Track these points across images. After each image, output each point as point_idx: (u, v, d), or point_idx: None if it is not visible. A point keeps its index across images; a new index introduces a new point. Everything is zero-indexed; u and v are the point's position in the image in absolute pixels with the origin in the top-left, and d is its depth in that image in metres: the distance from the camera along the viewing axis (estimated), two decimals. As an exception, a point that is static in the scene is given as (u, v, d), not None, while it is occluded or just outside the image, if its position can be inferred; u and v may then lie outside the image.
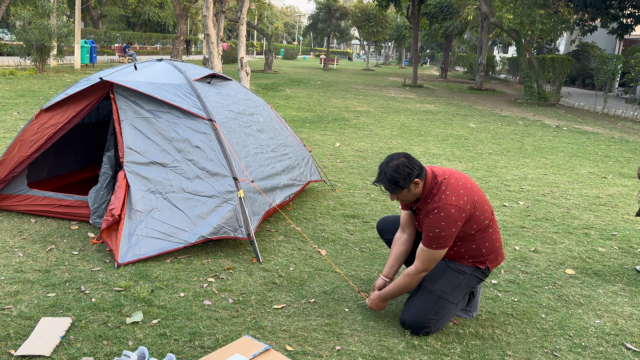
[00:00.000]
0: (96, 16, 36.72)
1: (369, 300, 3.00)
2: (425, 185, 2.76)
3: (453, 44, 45.87)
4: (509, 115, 13.98)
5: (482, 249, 2.87)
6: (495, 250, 2.92)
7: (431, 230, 2.71)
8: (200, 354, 2.56)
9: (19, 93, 11.83)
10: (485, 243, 2.87)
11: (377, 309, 2.99)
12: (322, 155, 7.34)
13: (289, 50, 58.01)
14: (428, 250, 2.75)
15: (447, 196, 2.71)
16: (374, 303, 2.97)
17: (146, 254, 3.53)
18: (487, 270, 2.94)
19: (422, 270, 2.79)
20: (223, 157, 3.86)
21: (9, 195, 4.26)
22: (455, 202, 2.69)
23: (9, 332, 2.63)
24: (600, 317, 3.20)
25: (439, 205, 2.69)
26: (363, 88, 20.49)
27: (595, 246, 4.44)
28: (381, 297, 2.94)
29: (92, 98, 4.13)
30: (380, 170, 2.76)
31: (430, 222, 2.70)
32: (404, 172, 2.68)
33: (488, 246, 2.88)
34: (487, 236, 2.87)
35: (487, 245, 2.87)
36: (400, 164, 2.69)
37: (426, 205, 2.76)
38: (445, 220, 2.67)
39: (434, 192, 2.74)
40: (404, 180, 2.68)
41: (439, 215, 2.68)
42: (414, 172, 2.70)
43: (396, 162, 2.70)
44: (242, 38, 12.33)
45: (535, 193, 6.06)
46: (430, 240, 2.72)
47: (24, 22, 16.93)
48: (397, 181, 2.69)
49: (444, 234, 2.69)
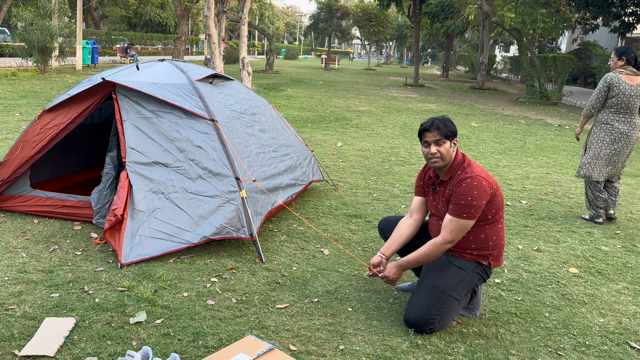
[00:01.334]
0: (97, 17, 36.78)
1: (386, 270, 2.92)
2: (456, 157, 2.88)
3: (454, 44, 45.83)
4: (511, 115, 13.97)
5: (489, 242, 2.89)
6: (500, 247, 2.94)
7: (463, 198, 2.75)
8: (204, 353, 2.56)
9: (21, 94, 11.85)
10: (493, 236, 2.90)
11: (392, 279, 2.91)
12: (324, 155, 7.34)
13: (290, 51, 58.04)
14: (457, 219, 2.77)
15: (478, 170, 2.83)
16: (390, 271, 2.90)
17: (149, 254, 3.53)
18: (489, 269, 2.94)
19: (449, 240, 2.80)
20: (225, 157, 3.86)
21: (12, 196, 4.27)
22: (485, 177, 2.81)
23: (13, 333, 2.63)
24: (604, 316, 3.20)
25: (472, 176, 2.78)
26: (364, 88, 20.49)
27: (599, 245, 4.44)
28: (400, 265, 2.89)
29: (95, 98, 4.14)
30: (428, 121, 2.89)
31: (463, 190, 2.76)
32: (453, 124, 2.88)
33: (495, 240, 2.91)
34: (496, 229, 2.91)
35: (495, 239, 2.90)
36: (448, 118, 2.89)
37: (455, 177, 2.84)
38: (478, 189, 2.75)
39: (465, 166, 2.86)
40: (455, 130, 2.85)
41: (472, 184, 2.76)
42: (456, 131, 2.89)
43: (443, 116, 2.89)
44: (244, 38, 12.33)
45: (538, 192, 6.05)
46: (461, 209, 2.76)
47: (25, 24, 16.96)
48: (452, 125, 2.85)
49: (476, 203, 2.75)
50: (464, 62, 42.43)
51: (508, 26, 18.04)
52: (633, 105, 4.72)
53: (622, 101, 4.71)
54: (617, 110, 4.77)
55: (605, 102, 4.84)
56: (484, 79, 23.50)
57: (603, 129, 4.86)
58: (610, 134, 4.82)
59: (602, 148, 4.85)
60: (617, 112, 4.78)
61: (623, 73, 4.76)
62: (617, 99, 4.72)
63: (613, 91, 4.73)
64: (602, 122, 4.87)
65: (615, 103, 4.75)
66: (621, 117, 4.77)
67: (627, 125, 4.77)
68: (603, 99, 4.82)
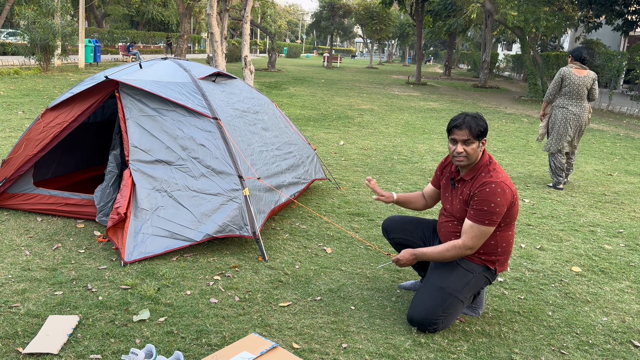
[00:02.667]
0: (100, 15, 36.79)
1: (400, 253, 2.91)
2: (482, 157, 2.81)
3: (457, 42, 45.72)
4: (514, 113, 13.94)
5: (498, 248, 2.85)
6: (507, 253, 2.92)
7: (486, 204, 2.69)
8: (207, 351, 2.56)
9: (24, 92, 11.87)
10: (503, 243, 2.86)
11: (403, 263, 2.89)
12: (327, 154, 7.34)
13: (292, 49, 57.98)
14: (479, 226, 2.72)
15: (503, 176, 2.76)
16: (404, 256, 2.88)
17: (152, 252, 3.54)
18: (495, 273, 2.93)
19: (469, 246, 2.75)
20: (228, 155, 3.87)
21: (15, 194, 4.28)
22: (509, 184, 2.75)
23: (17, 330, 2.64)
24: (608, 315, 3.19)
25: (497, 182, 2.71)
26: (367, 86, 20.47)
27: (602, 244, 4.43)
28: (415, 253, 2.87)
29: (98, 97, 4.14)
30: (458, 116, 2.80)
31: (487, 195, 2.69)
32: (485, 122, 2.79)
33: (504, 247, 2.87)
34: (506, 236, 2.86)
35: (504, 245, 2.86)
36: (481, 116, 2.80)
37: (479, 178, 2.76)
38: (501, 196, 2.69)
39: (491, 169, 2.78)
40: (486, 130, 2.76)
41: (495, 190, 2.69)
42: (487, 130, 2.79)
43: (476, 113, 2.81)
44: (246, 36, 12.33)
45: (540, 191, 6.04)
46: (483, 215, 2.70)
47: (28, 22, 16.98)
48: (485, 125, 2.77)
49: (498, 210, 2.69)
50: (467, 60, 42.36)
51: (511, 24, 18.00)
52: (582, 92, 5.87)
53: (573, 89, 5.86)
54: (570, 96, 5.92)
55: (560, 90, 5.97)
56: (486, 77, 23.46)
57: (560, 112, 6.00)
58: (566, 115, 5.97)
59: (562, 127, 6.00)
60: (570, 98, 5.92)
61: (573, 67, 5.89)
62: (569, 87, 5.88)
63: (565, 81, 5.89)
64: (559, 106, 6.01)
65: (568, 91, 5.90)
66: (573, 101, 5.91)
67: (579, 108, 5.93)
68: (558, 88, 5.97)
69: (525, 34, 18.84)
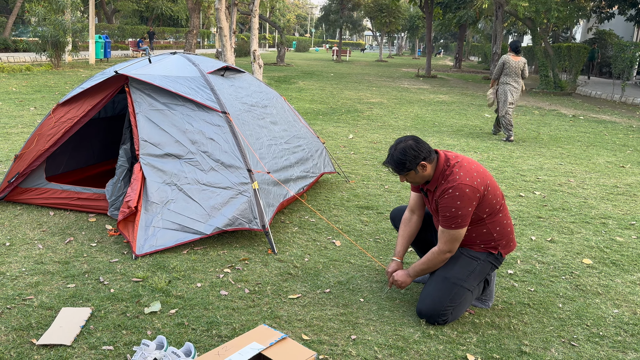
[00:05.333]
0: (110, 11, 36.96)
1: (395, 274, 2.97)
2: (437, 167, 2.80)
3: (467, 34, 45.33)
4: (525, 105, 13.82)
5: (494, 234, 2.87)
6: (507, 236, 2.92)
7: (448, 210, 2.73)
8: (217, 342, 2.59)
9: (36, 88, 11.98)
10: (497, 227, 2.87)
11: (401, 284, 2.96)
12: (336, 147, 7.34)
13: (301, 43, 57.86)
14: (448, 230, 2.77)
15: (461, 177, 2.74)
16: (400, 278, 2.95)
17: (163, 245, 3.57)
18: (500, 257, 2.93)
19: (446, 250, 2.82)
20: (237, 149, 3.88)
21: (28, 189, 4.33)
22: (469, 182, 2.73)
23: (31, 322, 2.68)
24: (619, 307, 3.17)
25: (454, 185, 2.71)
26: (376, 79, 20.39)
27: (613, 236, 4.39)
28: (408, 273, 2.95)
29: (108, 91, 4.17)
30: (389, 152, 2.83)
31: (446, 202, 2.73)
32: (410, 154, 2.74)
33: (499, 231, 2.88)
34: (498, 220, 2.87)
35: (498, 229, 2.88)
36: (407, 147, 2.75)
37: (439, 187, 2.79)
38: (461, 199, 2.70)
39: (447, 174, 2.77)
40: (411, 163, 2.74)
41: (454, 194, 2.71)
42: (421, 154, 2.74)
43: (404, 145, 2.76)
44: (255, 31, 12.33)
45: (551, 183, 6.00)
46: (448, 221, 2.75)
47: (38, 19, 17.11)
48: (403, 163, 2.74)
49: (461, 213, 2.72)
50: (477, 52, 42.02)
51: (522, 15, 17.80)
52: (518, 72, 8.39)
53: (512, 70, 8.37)
54: (510, 75, 8.41)
55: (503, 71, 8.47)
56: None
57: (504, 87, 8.48)
58: (510, 89, 8.45)
59: (507, 97, 8.44)
60: (510, 76, 8.42)
61: (510, 55, 8.41)
62: (508, 69, 8.39)
63: (506, 65, 8.40)
64: (504, 82, 8.50)
65: (508, 72, 8.40)
66: (512, 78, 8.42)
67: (516, 83, 8.45)
68: (501, 70, 8.48)
69: (536, 25, 18.63)
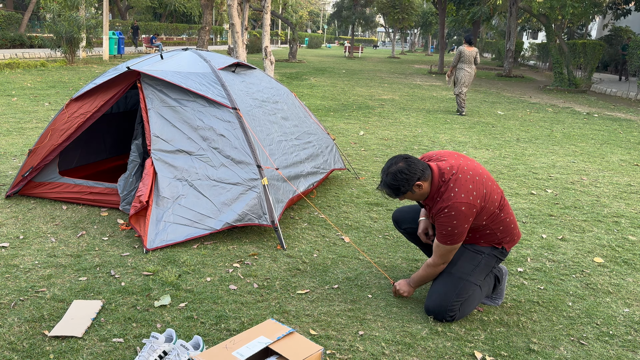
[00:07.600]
0: (123, 7, 37.21)
1: (397, 284, 3.05)
2: (432, 184, 2.74)
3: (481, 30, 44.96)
4: (538, 102, 13.70)
5: (497, 233, 2.87)
6: (510, 232, 2.91)
7: (444, 228, 2.71)
8: (226, 336, 2.61)
9: (50, 84, 12.12)
10: (500, 227, 2.86)
11: (403, 292, 3.03)
12: (346, 144, 7.33)
13: (314, 39, 57.78)
14: (443, 245, 2.78)
15: (456, 194, 2.67)
16: (402, 288, 3.03)
17: (173, 239, 3.60)
18: (505, 250, 2.93)
19: (440, 263, 2.85)
20: (247, 145, 3.90)
21: (41, 183, 4.40)
22: (465, 200, 2.66)
23: (43, 314, 2.73)
24: (630, 306, 3.14)
25: (449, 205, 2.66)
26: (388, 76, 20.32)
27: (626, 234, 4.35)
28: (409, 283, 3.02)
29: (120, 87, 4.21)
30: (381, 176, 2.78)
31: (442, 221, 2.70)
32: (402, 178, 2.67)
33: (502, 229, 2.88)
34: (499, 220, 2.85)
35: (501, 229, 2.87)
36: (398, 171, 2.68)
37: (435, 204, 2.74)
38: (457, 218, 2.67)
39: (442, 191, 2.71)
40: (404, 186, 2.69)
41: (449, 214, 2.67)
42: (414, 176, 2.67)
43: (395, 169, 2.70)
44: (267, 27, 12.34)
45: (564, 181, 5.95)
46: (444, 238, 2.74)
47: (53, 15, 17.28)
48: (397, 188, 2.71)
49: (457, 231, 2.70)
50: (491, 49, 41.65)
51: (536, 12, 17.61)
52: (471, 60, 10.33)
53: (467, 58, 10.31)
54: (465, 62, 10.34)
55: (459, 59, 10.37)
56: (510, 66, 23.04)
57: (461, 72, 10.39)
58: (465, 73, 10.37)
59: (464, 80, 10.39)
60: (465, 63, 10.34)
61: (465, 46, 10.36)
62: (464, 57, 10.32)
63: (462, 54, 10.33)
64: (460, 68, 10.40)
65: (464, 60, 10.33)
66: (466, 65, 10.33)
67: (470, 68, 10.37)
68: (458, 58, 10.38)
69: (551, 21, 18.41)
